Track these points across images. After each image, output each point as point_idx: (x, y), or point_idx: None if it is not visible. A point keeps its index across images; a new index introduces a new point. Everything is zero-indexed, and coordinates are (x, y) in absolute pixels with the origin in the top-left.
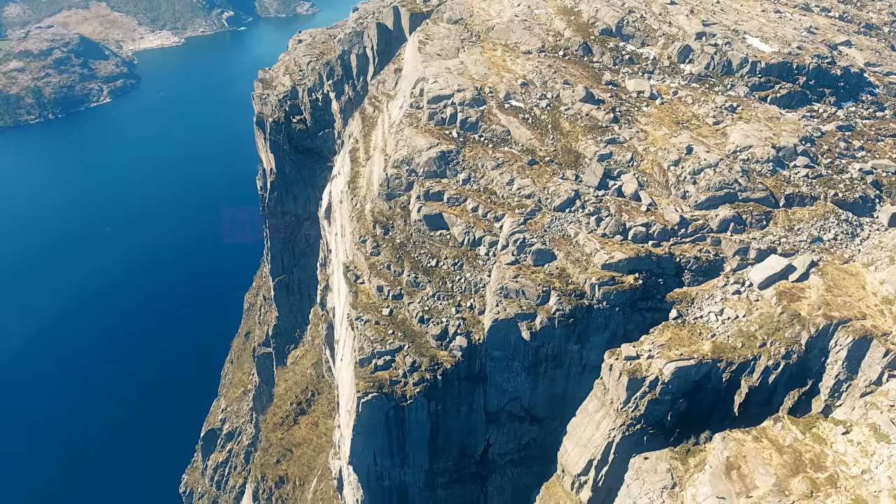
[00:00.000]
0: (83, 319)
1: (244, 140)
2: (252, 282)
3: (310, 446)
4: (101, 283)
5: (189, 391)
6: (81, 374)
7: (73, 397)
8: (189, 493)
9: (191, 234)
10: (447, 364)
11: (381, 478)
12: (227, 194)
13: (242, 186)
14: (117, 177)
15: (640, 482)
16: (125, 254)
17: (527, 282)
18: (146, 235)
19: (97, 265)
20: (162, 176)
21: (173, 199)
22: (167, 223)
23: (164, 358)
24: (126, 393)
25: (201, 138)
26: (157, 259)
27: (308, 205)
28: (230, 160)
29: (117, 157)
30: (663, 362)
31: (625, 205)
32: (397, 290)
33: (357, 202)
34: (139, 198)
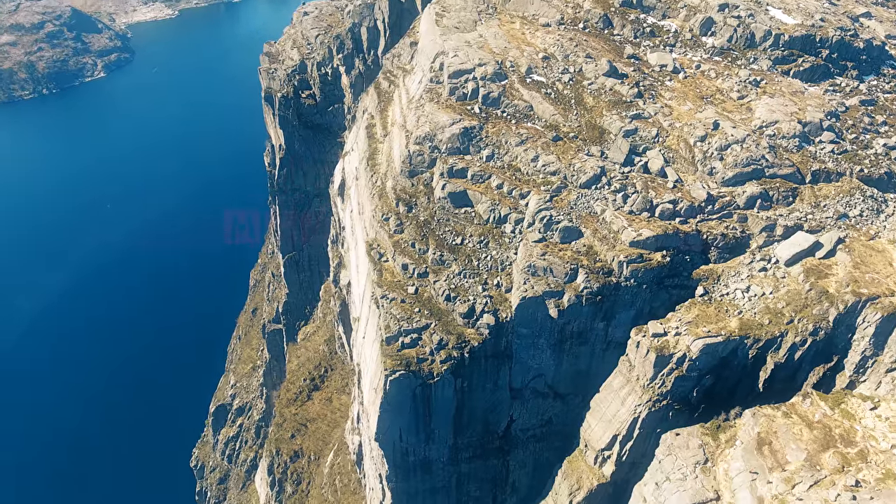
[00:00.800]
0: (87, 297)
1: (244, 115)
2: (257, 258)
3: (324, 421)
4: (104, 260)
5: (195, 368)
6: (86, 352)
7: (79, 376)
8: (200, 466)
9: (193, 210)
10: (474, 342)
11: (407, 454)
12: (229, 171)
13: (243, 163)
14: (115, 153)
15: (672, 458)
16: (128, 231)
17: (554, 259)
18: (148, 213)
19: (100, 242)
20: (161, 152)
21: (173, 176)
22: (169, 200)
23: (170, 335)
24: (131, 370)
25: (199, 114)
26: (160, 236)
27: (318, 181)
28: (230, 136)
29: (115, 134)
30: (691, 339)
31: (651, 181)
32: (422, 268)
33: (377, 179)
34: (139, 175)
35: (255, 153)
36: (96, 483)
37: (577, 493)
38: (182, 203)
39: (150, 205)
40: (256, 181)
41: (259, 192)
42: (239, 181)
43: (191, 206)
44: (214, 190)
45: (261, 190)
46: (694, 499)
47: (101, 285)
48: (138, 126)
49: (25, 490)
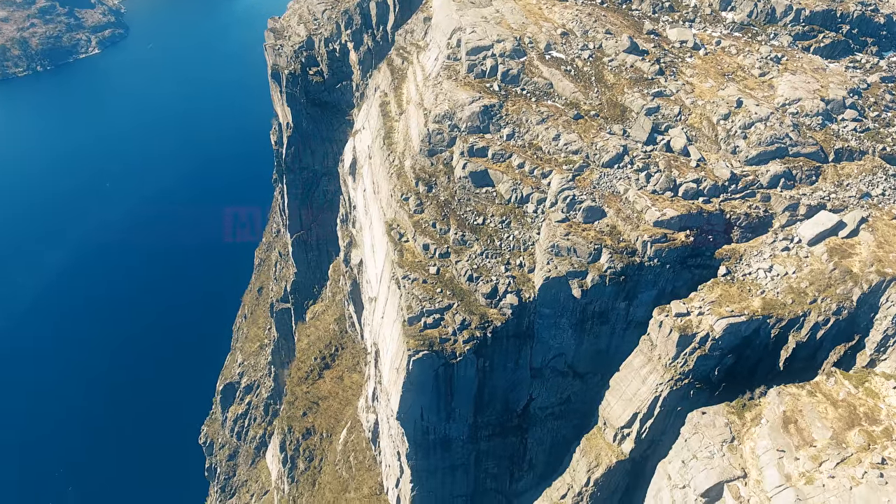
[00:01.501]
0: (88, 276)
1: (244, 92)
2: (262, 237)
3: (335, 399)
4: (104, 239)
5: (200, 346)
6: (87, 331)
7: (81, 354)
8: (210, 443)
9: (193, 188)
10: (497, 322)
11: (427, 432)
12: (229, 148)
13: (244, 140)
14: (113, 131)
15: (699, 436)
16: (127, 210)
17: (578, 239)
18: (147, 190)
19: (100, 221)
20: (159, 130)
21: (172, 154)
22: (168, 178)
23: (173, 314)
24: (134, 350)
25: (198, 91)
26: (161, 214)
27: (326, 160)
28: (230, 113)
29: (111, 111)
30: (714, 319)
31: (674, 160)
32: (444, 248)
33: (394, 158)
34: (137, 152)
35: (256, 130)
36: (105, 459)
37: (596, 469)
38: (182, 181)
39: (150, 183)
40: (258, 159)
41: (262, 170)
42: (240, 159)
43: (191, 184)
44: (215, 168)
45: (264, 168)
46: (721, 476)
47: (102, 264)
48: (135, 103)
49: (34, 468)
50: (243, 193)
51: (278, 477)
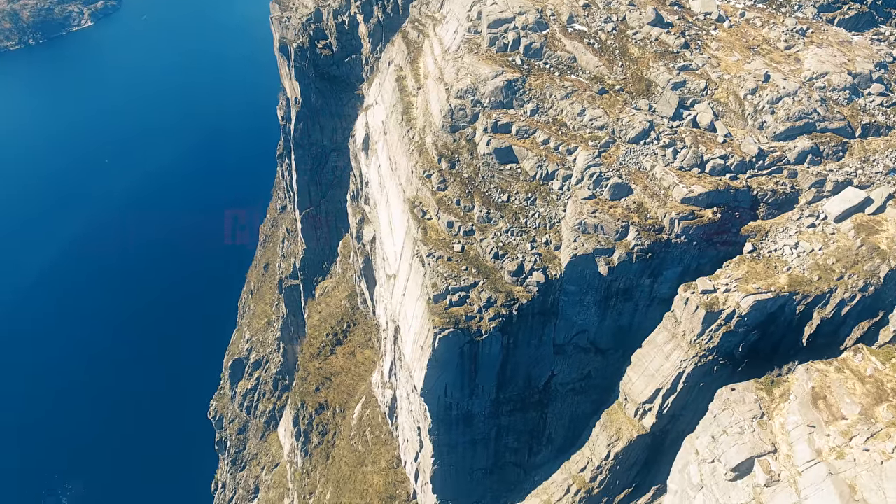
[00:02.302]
0: (91, 253)
1: (243, 64)
2: (266, 213)
3: (348, 375)
4: (106, 215)
5: (204, 322)
6: (91, 307)
7: (84, 331)
8: (219, 417)
9: (193, 163)
10: (523, 300)
11: (450, 408)
12: (229, 122)
13: (245, 114)
14: (109, 105)
15: (729, 412)
16: (128, 185)
17: (605, 217)
18: (148, 165)
19: (101, 197)
20: (156, 104)
21: (172, 128)
22: (168, 153)
23: (176, 290)
24: (138, 326)
25: (194, 63)
26: (163, 189)
27: (335, 135)
28: (229, 86)
29: (107, 85)
30: (741, 296)
31: (700, 136)
32: (468, 225)
33: (414, 134)
34: (135, 127)
35: (258, 104)
36: (113, 435)
37: (616, 443)
38: (182, 156)
39: (150, 158)
40: (260, 133)
41: (265, 144)
42: (242, 133)
43: (192, 159)
44: (216, 143)
45: (267, 142)
46: (752, 451)
47: (104, 240)
48: (131, 77)
49: (42, 445)
50: (246, 169)
51: (291, 451)
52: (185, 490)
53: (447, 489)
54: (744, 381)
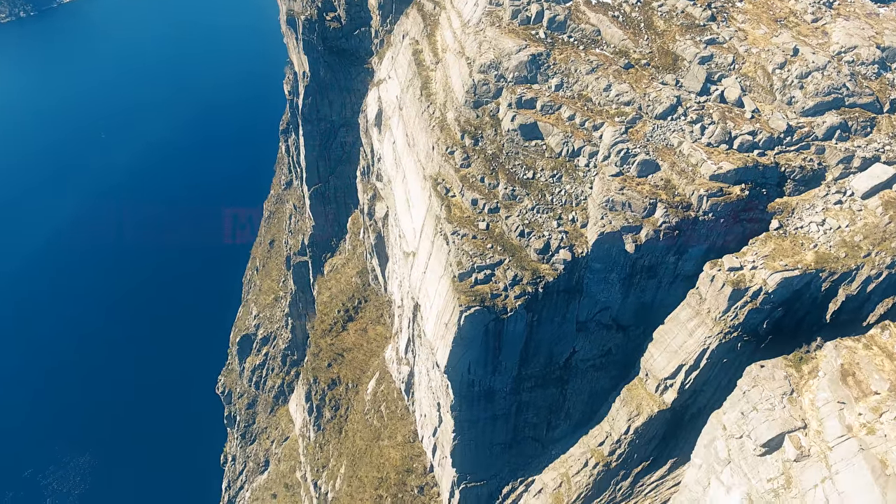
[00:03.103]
0: (92, 227)
1: (241, 36)
2: (269, 189)
3: (360, 351)
4: (105, 189)
5: (208, 299)
6: (92, 282)
7: (80, 307)
8: (227, 392)
9: (192, 136)
10: (549, 277)
11: (472, 384)
12: (230, 95)
13: (245, 87)
14: (103, 79)
15: (759, 389)
16: (126, 160)
17: (633, 194)
18: (147, 137)
19: (99, 172)
20: (152, 76)
21: (167, 101)
22: (167, 127)
23: (178, 266)
24: (140, 301)
25: (190, 35)
26: (161, 163)
27: (343, 110)
28: (227, 57)
29: (100, 57)
30: (768, 273)
31: (728, 111)
32: (493, 203)
33: (434, 110)
34: (130, 100)
35: (259, 75)
36: (122, 410)
37: (637, 418)
38: (182, 129)
39: (149, 132)
40: (262, 106)
41: (269, 117)
42: (242, 106)
43: (191, 132)
44: (217, 116)
45: (270, 115)
46: (783, 427)
47: (104, 215)
48: (125, 49)
49: (49, 418)
50: (247, 143)
51: (303, 425)
52: (193, 463)
53: (466, 463)
54: (773, 358)
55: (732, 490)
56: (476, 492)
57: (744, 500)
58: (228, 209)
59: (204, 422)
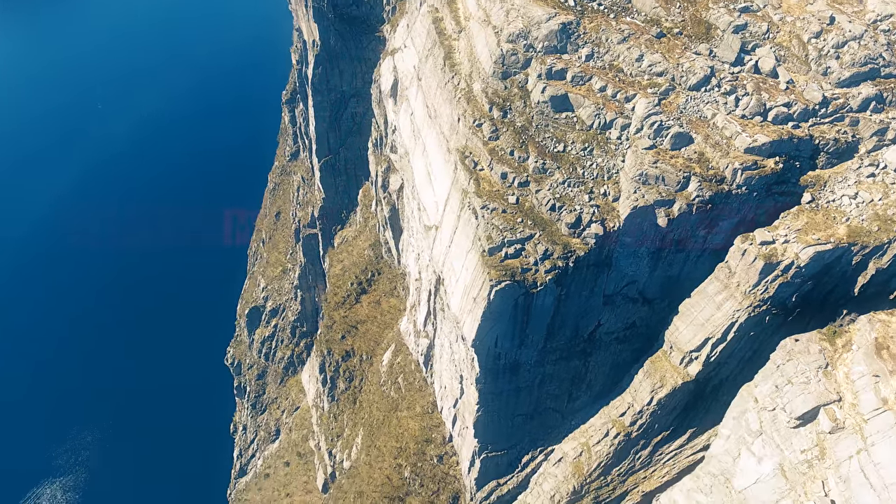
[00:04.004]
0: (92, 197)
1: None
2: (273, 161)
3: (374, 323)
4: (105, 156)
5: (213, 272)
6: (93, 252)
7: (89, 278)
8: (237, 364)
9: (191, 104)
10: (580, 252)
11: (499, 358)
12: (225, 62)
13: (245, 53)
14: (97, 43)
15: (794, 363)
16: (126, 129)
17: (667, 167)
18: (145, 105)
19: (99, 139)
20: (146, 42)
21: (163, 67)
22: (162, 94)
23: (179, 237)
24: (143, 273)
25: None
26: (161, 132)
27: (354, 80)
28: (223, 23)
29: (93, 21)
30: (800, 247)
31: (762, 82)
32: (523, 177)
33: (459, 81)
34: (124, 68)
35: (261, 39)
36: (132, 383)
37: (660, 390)
38: (179, 98)
39: (146, 100)
40: (261, 72)
41: (272, 86)
42: (239, 72)
43: (190, 99)
44: (212, 82)
45: (270, 82)
46: (819, 400)
47: (104, 186)
48: (119, 12)
49: (56, 392)
50: (248, 111)
51: (317, 396)
52: (203, 433)
53: (488, 434)
54: (803, 333)
55: (764, 461)
56: (496, 461)
57: (776, 470)
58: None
59: (213, 392)
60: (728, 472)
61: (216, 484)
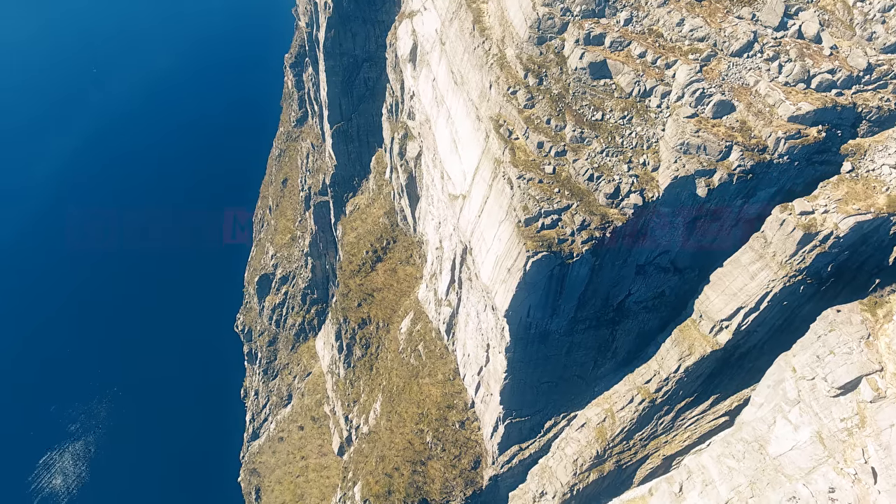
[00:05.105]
0: (93, 166)
1: None
2: (278, 126)
3: (390, 291)
4: (103, 124)
5: (216, 239)
6: (103, 221)
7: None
8: (247, 330)
9: (193, 67)
10: (618, 222)
11: (529, 327)
12: (222, 22)
13: (238, 13)
14: (84, 6)
15: (836, 333)
16: (122, 94)
17: (708, 136)
18: (142, 69)
19: (95, 109)
20: (136, 4)
21: (158, 29)
22: (158, 58)
23: (185, 200)
24: (148, 243)
25: None
26: (161, 96)
27: (367, 44)
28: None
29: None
30: (840, 217)
31: (806, 48)
32: (560, 146)
33: (491, 46)
34: (118, 31)
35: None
36: (138, 349)
37: (688, 358)
38: (175, 62)
39: (142, 64)
40: (261, 33)
41: (270, 47)
42: (238, 34)
43: (191, 62)
44: (213, 43)
45: (275, 47)
46: (861, 371)
47: (103, 152)
48: None
49: (71, 358)
50: (249, 74)
51: (332, 362)
52: (213, 400)
53: (514, 401)
54: (849, 303)
55: (801, 428)
56: (519, 426)
57: (813, 437)
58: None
59: (222, 359)
60: (762, 439)
61: (228, 448)
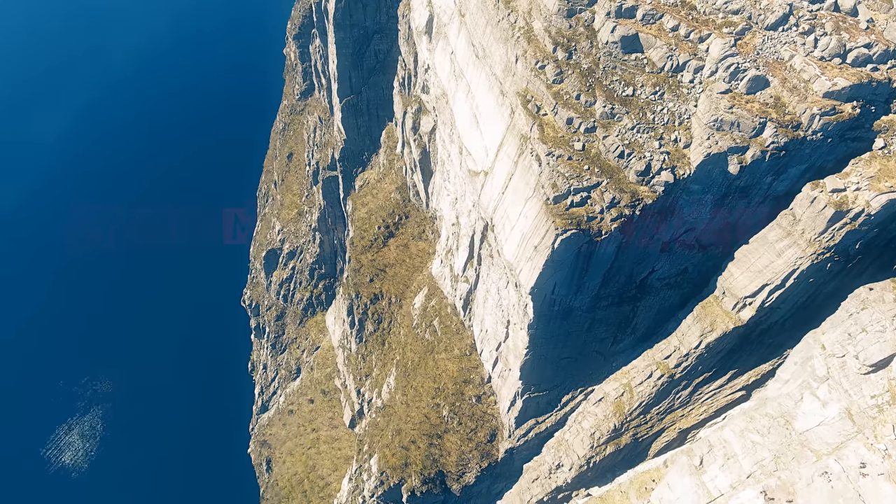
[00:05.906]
0: (95, 138)
1: None
2: (281, 98)
3: (402, 266)
4: (95, 96)
5: (219, 214)
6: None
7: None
8: (255, 305)
9: (189, 36)
10: (648, 200)
11: (553, 304)
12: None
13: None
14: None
15: (869, 311)
16: (123, 58)
17: (742, 112)
18: (140, 38)
19: (90, 75)
20: None
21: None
22: (152, 24)
23: (187, 170)
24: (152, 218)
25: None
26: (154, 67)
27: (378, 15)
28: None
29: None
30: (872, 194)
31: (842, 21)
32: (590, 122)
33: (517, 19)
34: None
35: None
36: (144, 325)
37: (710, 334)
38: (181, 21)
39: (140, 30)
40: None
41: (270, 16)
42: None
43: (193, 24)
44: (209, 14)
45: (270, 13)
46: (894, 348)
47: (99, 125)
48: None
49: (79, 335)
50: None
51: (343, 337)
52: (221, 373)
53: (533, 376)
54: (881, 282)
55: (829, 405)
56: (537, 401)
57: (841, 413)
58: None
59: (229, 333)
60: (789, 415)
61: (235, 421)
